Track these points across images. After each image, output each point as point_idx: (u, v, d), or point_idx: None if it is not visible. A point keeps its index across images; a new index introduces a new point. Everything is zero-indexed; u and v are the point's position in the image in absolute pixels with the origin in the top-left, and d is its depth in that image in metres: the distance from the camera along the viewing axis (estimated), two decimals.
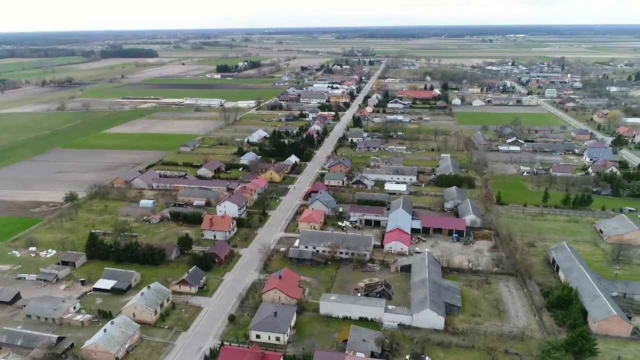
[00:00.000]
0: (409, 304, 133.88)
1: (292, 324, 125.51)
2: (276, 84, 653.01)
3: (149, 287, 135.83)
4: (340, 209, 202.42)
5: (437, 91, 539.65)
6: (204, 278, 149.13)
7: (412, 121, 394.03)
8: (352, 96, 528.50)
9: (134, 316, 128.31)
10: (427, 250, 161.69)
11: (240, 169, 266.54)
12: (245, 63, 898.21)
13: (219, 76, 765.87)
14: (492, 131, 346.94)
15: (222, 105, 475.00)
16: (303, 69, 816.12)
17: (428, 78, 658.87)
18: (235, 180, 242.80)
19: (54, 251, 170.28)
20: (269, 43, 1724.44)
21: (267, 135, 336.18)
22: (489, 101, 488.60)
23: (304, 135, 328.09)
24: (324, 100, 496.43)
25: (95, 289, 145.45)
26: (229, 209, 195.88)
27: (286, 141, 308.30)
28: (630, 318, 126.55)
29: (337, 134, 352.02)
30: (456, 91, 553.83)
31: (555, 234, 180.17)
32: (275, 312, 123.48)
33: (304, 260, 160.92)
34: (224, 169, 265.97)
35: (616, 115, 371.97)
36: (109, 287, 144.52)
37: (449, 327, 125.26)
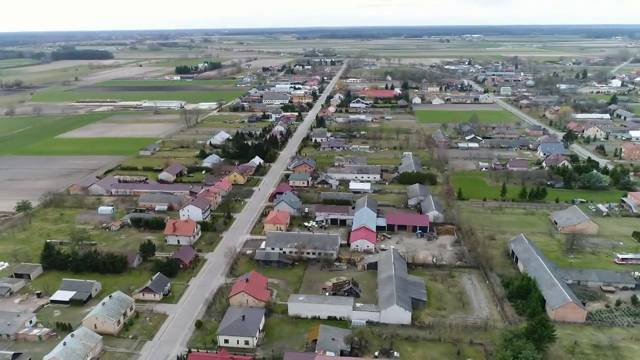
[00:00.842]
0: (376, 301, 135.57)
1: (261, 326, 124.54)
2: (238, 85, 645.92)
3: (110, 296, 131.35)
4: (306, 209, 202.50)
5: (397, 90, 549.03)
6: (168, 284, 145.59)
7: (374, 120, 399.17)
8: (315, 96, 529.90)
9: (96, 327, 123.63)
10: (392, 247, 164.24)
11: (203, 171, 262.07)
12: (206, 64, 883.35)
13: (179, 78, 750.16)
14: (452, 129, 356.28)
15: (183, 107, 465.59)
16: (264, 69, 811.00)
17: (389, 78, 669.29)
18: (198, 183, 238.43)
19: (6, 264, 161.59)
20: (229, 44, 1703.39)
21: (230, 137, 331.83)
22: (447, 99, 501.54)
23: (268, 137, 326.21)
24: (287, 101, 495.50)
25: (52, 301, 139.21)
26: (193, 213, 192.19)
27: (249, 143, 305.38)
28: (584, 304, 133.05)
29: (301, 135, 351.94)
30: (416, 90, 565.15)
31: (513, 227, 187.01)
32: (244, 316, 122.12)
33: (271, 262, 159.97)
34: (186, 173, 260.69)
35: (566, 111, 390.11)
36: (67, 299, 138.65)
37: (416, 321, 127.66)
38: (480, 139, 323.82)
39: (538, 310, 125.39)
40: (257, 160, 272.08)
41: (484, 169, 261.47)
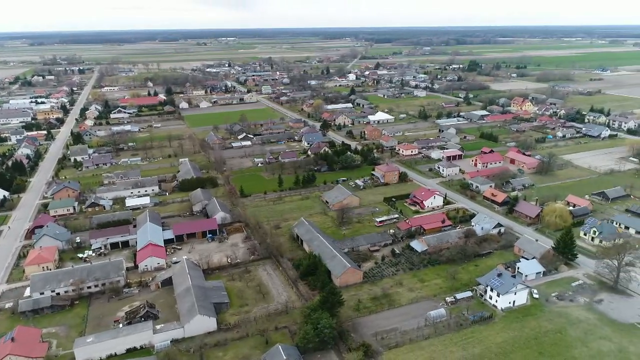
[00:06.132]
0: (178, 317, 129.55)
1: None
2: None
3: None
4: (78, 239, 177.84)
5: (162, 96, 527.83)
6: None
7: (142, 130, 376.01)
8: (66, 110, 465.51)
9: None
10: (184, 258, 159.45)
11: None
12: None
13: None
14: (223, 130, 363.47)
15: None
16: None
17: (150, 84, 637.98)
18: None
19: None
20: None
21: None
22: (215, 102, 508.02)
23: (10, 163, 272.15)
24: (30, 118, 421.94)
25: None
26: None
27: None
28: (360, 266, 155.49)
29: (56, 155, 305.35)
30: (181, 95, 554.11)
31: (294, 213, 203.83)
32: None
33: (42, 309, 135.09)
34: None
35: (319, 104, 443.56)
36: None
37: (222, 325, 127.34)
38: (252, 136, 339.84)
39: (326, 282, 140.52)
40: None
41: (259, 165, 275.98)
